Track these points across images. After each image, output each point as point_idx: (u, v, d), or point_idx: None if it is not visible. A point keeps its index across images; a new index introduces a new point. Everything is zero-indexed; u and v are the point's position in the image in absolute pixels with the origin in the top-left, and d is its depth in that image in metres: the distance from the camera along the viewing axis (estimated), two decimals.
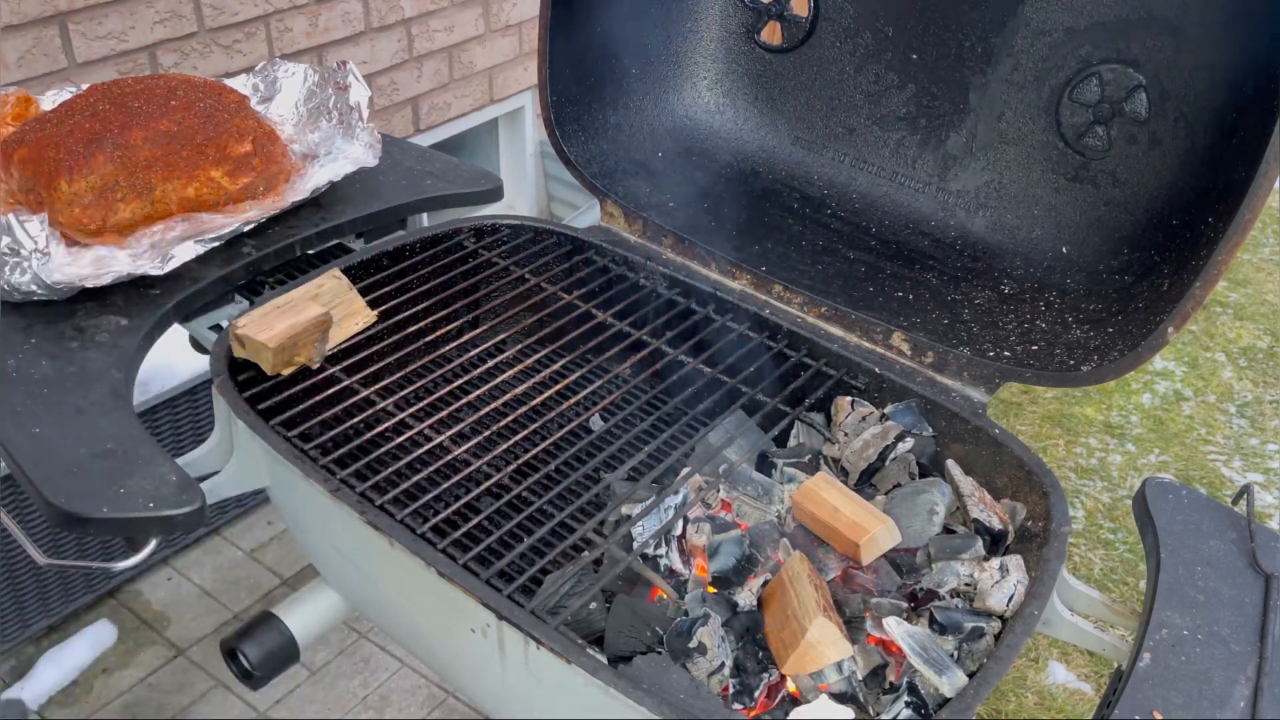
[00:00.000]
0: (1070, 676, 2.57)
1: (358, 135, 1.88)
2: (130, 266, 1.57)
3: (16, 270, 1.48)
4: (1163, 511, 1.41)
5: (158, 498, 1.23)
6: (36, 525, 2.24)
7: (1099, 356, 1.53)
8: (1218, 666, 1.21)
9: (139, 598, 2.64)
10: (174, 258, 1.59)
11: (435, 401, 1.55)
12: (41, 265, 1.49)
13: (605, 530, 1.40)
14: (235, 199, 1.73)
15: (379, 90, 3.10)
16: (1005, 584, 1.28)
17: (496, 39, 3.46)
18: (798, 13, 1.98)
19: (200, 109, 1.75)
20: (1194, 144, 1.61)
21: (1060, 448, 3.30)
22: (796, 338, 1.70)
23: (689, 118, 2.14)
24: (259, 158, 1.76)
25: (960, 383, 1.62)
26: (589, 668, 1.12)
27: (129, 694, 2.41)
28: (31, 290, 1.49)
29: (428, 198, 1.91)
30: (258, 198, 1.76)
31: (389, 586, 1.43)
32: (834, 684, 1.20)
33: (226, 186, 1.71)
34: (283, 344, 1.48)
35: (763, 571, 1.35)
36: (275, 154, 1.79)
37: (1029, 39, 1.73)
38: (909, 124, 1.92)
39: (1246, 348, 3.83)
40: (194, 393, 2.52)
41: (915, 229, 1.92)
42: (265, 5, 2.69)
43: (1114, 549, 2.92)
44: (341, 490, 1.33)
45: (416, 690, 2.47)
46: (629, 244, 1.92)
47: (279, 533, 2.84)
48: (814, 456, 1.56)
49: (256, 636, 1.55)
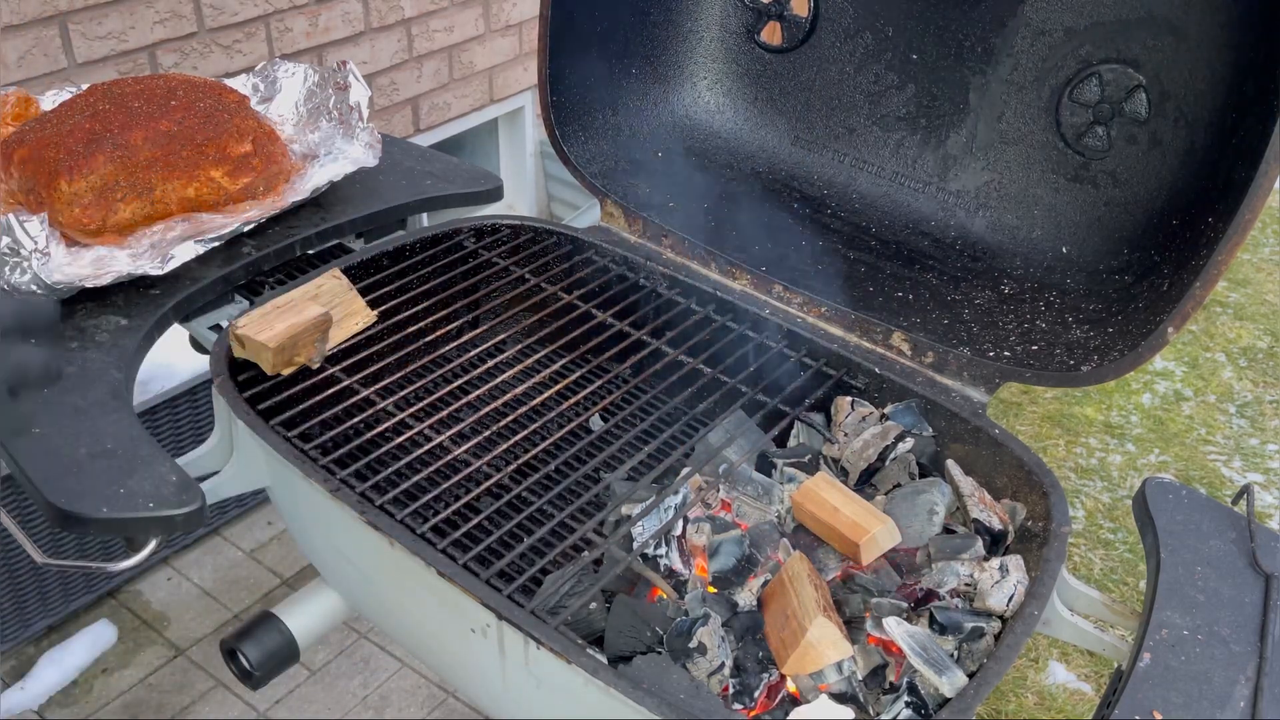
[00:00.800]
0: (1070, 676, 2.57)
1: (358, 135, 1.88)
2: (130, 266, 1.57)
3: (16, 270, 1.48)
4: (1163, 511, 1.41)
5: (158, 498, 1.23)
6: (36, 525, 2.23)
7: (1099, 356, 1.53)
8: (1218, 666, 1.21)
9: (139, 598, 2.64)
10: (174, 258, 1.59)
11: (435, 401, 1.55)
12: (41, 265, 1.49)
13: (605, 530, 1.40)
14: (235, 199, 1.73)
15: (379, 90, 3.10)
16: (1005, 584, 1.28)
17: (496, 39, 3.46)
18: (798, 13, 1.98)
19: (200, 109, 1.75)
20: (1194, 144, 1.61)
21: (1060, 448, 3.30)
22: (796, 338, 1.70)
23: (689, 118, 2.14)
24: (259, 158, 1.76)
25: (960, 383, 1.62)
26: (589, 668, 1.12)
27: (129, 694, 2.41)
28: (31, 290, 1.49)
29: (428, 198, 1.91)
30: (258, 198, 1.76)
31: (389, 586, 1.43)
32: (834, 684, 1.20)
33: (226, 186, 1.71)
34: (283, 344, 1.48)
35: (763, 571, 1.35)
36: (275, 154, 1.79)
37: (1029, 39, 1.73)
38: (909, 124, 1.92)
39: (1246, 348, 3.83)
40: (194, 393, 2.52)
41: (915, 229, 1.92)
42: (265, 5, 2.69)
43: (1114, 549, 2.92)
44: (341, 490, 1.33)
45: (416, 690, 2.47)
46: (629, 244, 1.92)
47: (279, 533, 2.84)
48: (814, 456, 1.56)
49: (256, 636, 1.55)
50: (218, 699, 2.42)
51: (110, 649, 2.51)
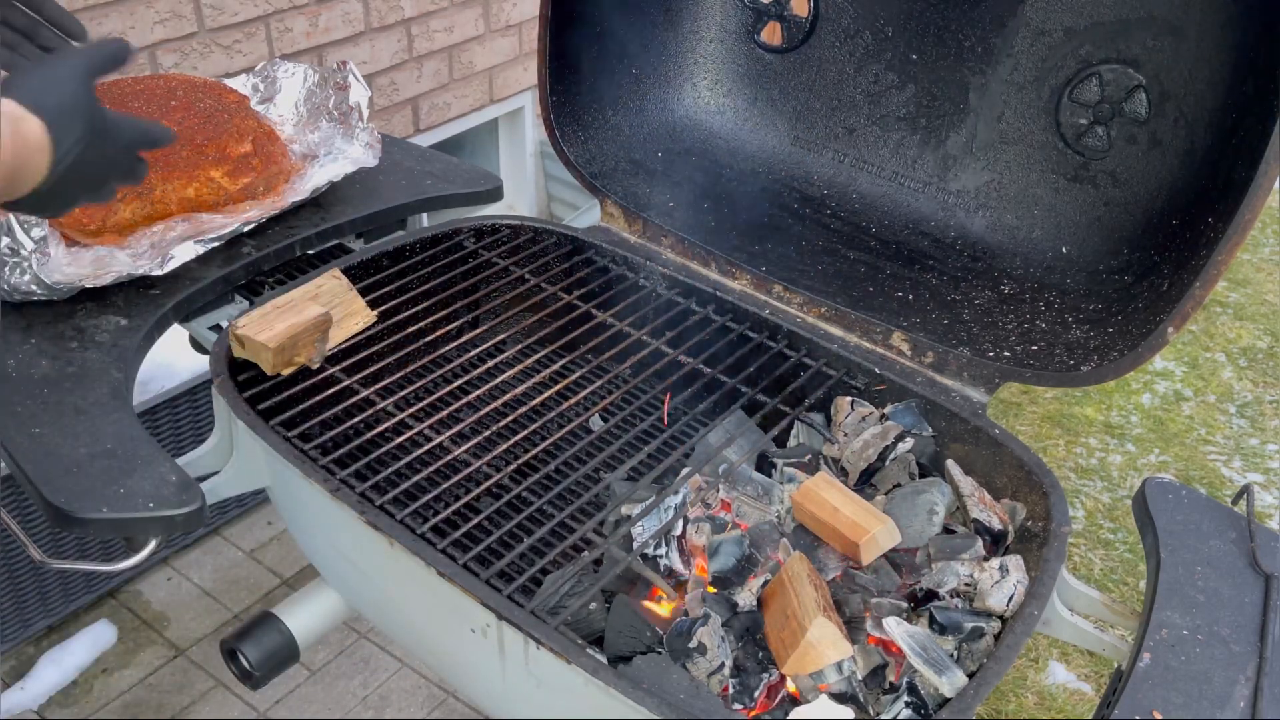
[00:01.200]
0: (1070, 676, 2.57)
1: (357, 135, 1.88)
2: (130, 266, 1.57)
3: (16, 270, 1.48)
4: (1163, 511, 1.41)
5: (158, 498, 1.23)
6: (37, 525, 2.23)
7: (1099, 356, 1.53)
8: (1218, 667, 1.21)
9: (139, 598, 2.64)
10: (174, 258, 1.59)
11: (435, 401, 1.55)
12: (41, 265, 1.49)
13: (605, 530, 1.40)
14: (235, 199, 1.73)
15: (379, 90, 3.10)
16: (1005, 584, 1.28)
17: (496, 39, 3.46)
18: (798, 13, 1.98)
19: (200, 109, 1.75)
20: (1194, 144, 1.61)
21: (1060, 448, 3.30)
22: (796, 338, 1.70)
23: (689, 118, 2.14)
24: (259, 158, 1.76)
25: (960, 383, 1.62)
26: (589, 668, 1.12)
27: (129, 694, 2.42)
28: (31, 290, 1.49)
29: (428, 198, 1.91)
30: (257, 198, 1.76)
31: (389, 586, 1.43)
32: (834, 684, 1.20)
33: (226, 187, 1.71)
34: (283, 344, 1.48)
35: (763, 571, 1.35)
36: (275, 154, 1.79)
37: (1029, 39, 1.73)
38: (909, 124, 1.92)
39: (1246, 348, 3.83)
40: (194, 393, 2.52)
41: (915, 229, 1.92)
42: (265, 5, 2.69)
43: (1114, 549, 2.92)
44: (341, 490, 1.33)
45: (416, 690, 2.47)
46: (629, 244, 1.92)
47: (279, 533, 2.84)
48: (814, 456, 1.56)
49: (256, 636, 1.55)
50: (218, 699, 2.42)
51: (110, 649, 2.51)
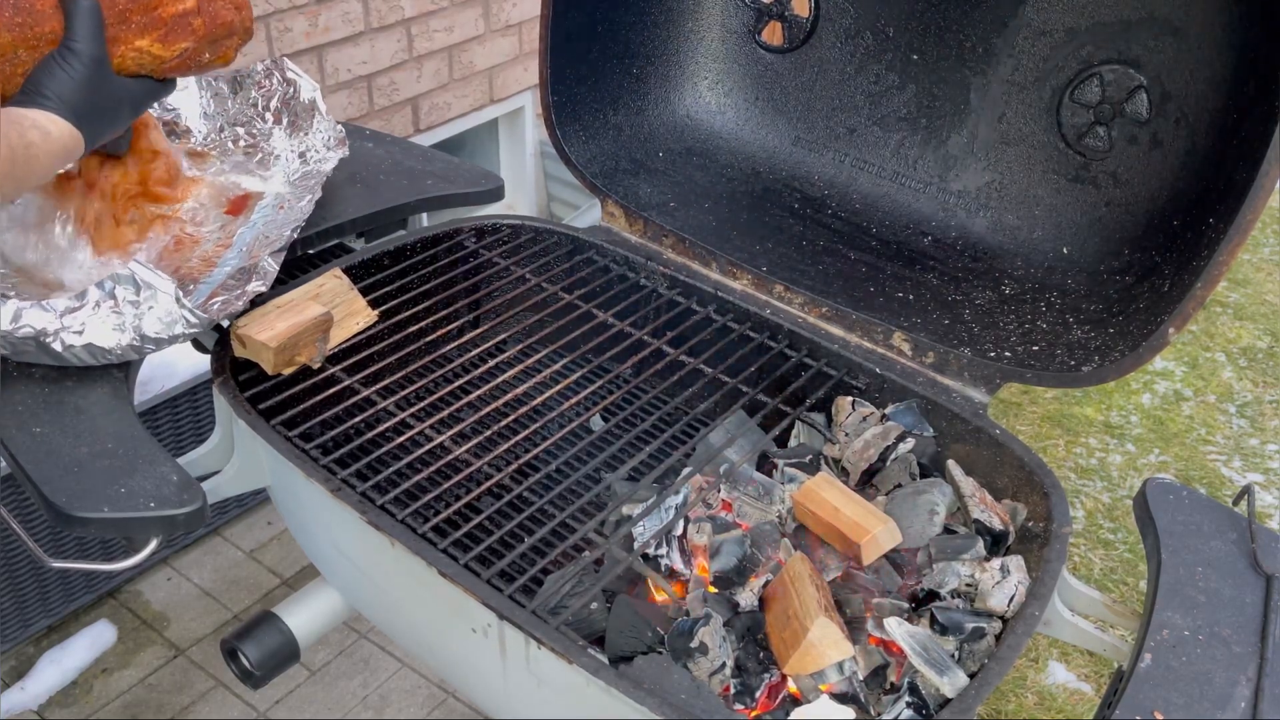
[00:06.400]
0: (1070, 677, 2.57)
1: (316, 131, 1.79)
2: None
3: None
4: (1163, 512, 1.41)
5: (159, 497, 1.22)
6: (37, 525, 2.23)
7: (1100, 357, 1.53)
8: (1218, 667, 1.21)
9: (139, 598, 2.64)
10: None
11: (436, 401, 1.55)
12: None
13: (606, 530, 1.40)
14: (174, 69, 1.46)
15: (379, 90, 3.10)
16: (1006, 584, 1.28)
17: (496, 39, 3.46)
18: (799, 13, 1.99)
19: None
20: (1195, 144, 1.61)
21: (1060, 448, 3.30)
22: (797, 338, 1.70)
23: (690, 118, 2.14)
24: (201, 17, 1.44)
25: (961, 383, 1.62)
26: (590, 668, 1.12)
27: (129, 694, 2.41)
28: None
29: (428, 198, 1.91)
30: (202, 66, 1.49)
31: (390, 586, 1.43)
32: (835, 684, 1.21)
33: (159, 54, 1.41)
34: (284, 344, 1.48)
35: (764, 571, 1.35)
36: (220, 11, 1.48)
37: (1030, 39, 1.73)
38: (910, 124, 1.92)
39: (1246, 348, 3.83)
40: (194, 393, 2.52)
41: (916, 229, 1.92)
42: (265, 5, 2.69)
43: (1114, 549, 2.92)
44: (342, 490, 1.33)
45: (416, 690, 2.47)
46: (630, 244, 1.92)
47: (279, 533, 2.84)
48: (815, 457, 1.56)
49: (256, 636, 1.55)
50: (218, 699, 2.42)
51: (110, 649, 2.51)
